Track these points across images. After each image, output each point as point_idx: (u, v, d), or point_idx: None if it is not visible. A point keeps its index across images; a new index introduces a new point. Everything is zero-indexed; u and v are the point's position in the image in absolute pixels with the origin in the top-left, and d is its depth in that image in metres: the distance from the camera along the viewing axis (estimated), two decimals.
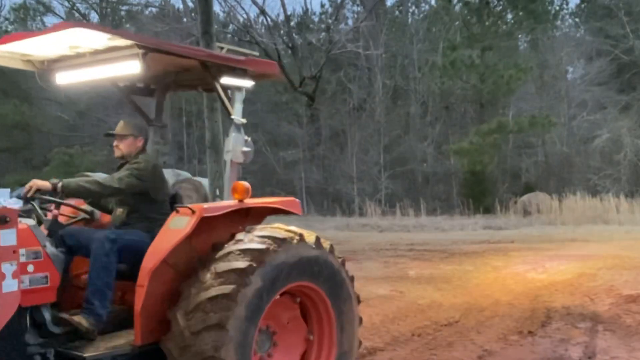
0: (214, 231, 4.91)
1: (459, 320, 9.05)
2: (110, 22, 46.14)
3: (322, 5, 49.76)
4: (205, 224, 4.78)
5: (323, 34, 41.43)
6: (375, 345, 7.83)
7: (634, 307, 9.44)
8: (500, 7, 38.77)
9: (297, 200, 5.84)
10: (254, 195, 5.28)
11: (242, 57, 5.60)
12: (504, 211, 29.17)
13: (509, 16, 39.81)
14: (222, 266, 4.53)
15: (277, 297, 4.87)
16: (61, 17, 45.69)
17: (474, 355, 7.37)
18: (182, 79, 6.04)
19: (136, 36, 5.05)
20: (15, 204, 5.17)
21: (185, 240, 4.69)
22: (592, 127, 36.26)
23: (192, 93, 40.64)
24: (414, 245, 19.31)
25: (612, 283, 11.22)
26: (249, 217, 5.26)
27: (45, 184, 4.75)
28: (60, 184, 4.75)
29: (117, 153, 5.52)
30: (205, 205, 4.98)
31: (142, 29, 41.40)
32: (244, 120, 5.55)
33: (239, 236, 4.83)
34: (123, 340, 4.63)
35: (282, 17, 41.41)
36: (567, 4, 44.74)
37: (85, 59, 5.18)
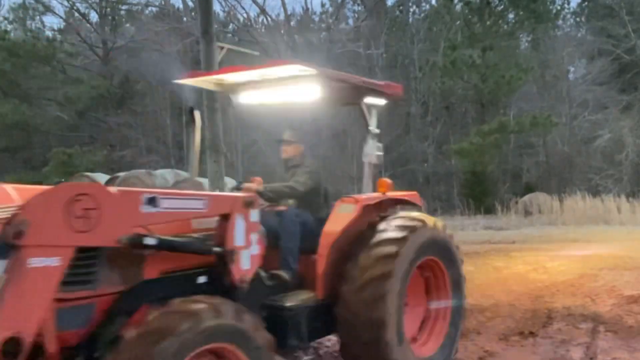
0: (369, 216, 6.32)
1: None
2: (109, 22, 46.21)
3: (323, 5, 49.86)
4: (365, 210, 6.28)
5: (323, 33, 41.50)
6: None
7: (635, 307, 9.44)
8: (502, 7, 38.83)
9: (417, 194, 7.28)
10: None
11: (381, 82, 6.98)
12: (504, 211, 29.17)
13: (510, 16, 39.89)
14: (377, 252, 5.87)
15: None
16: (60, 17, 45.79)
17: (474, 356, 7.38)
18: (337, 97, 7.31)
19: (321, 69, 6.19)
20: None
21: (352, 223, 6.16)
22: (594, 127, 36.31)
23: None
24: None
25: (613, 284, 11.21)
26: (387, 206, 6.60)
27: (258, 187, 6.48)
28: (266, 188, 6.54)
29: (284, 155, 7.08)
30: (363, 196, 6.53)
31: (142, 29, 41.49)
32: (378, 131, 6.99)
33: (382, 226, 6.14)
34: (308, 295, 5.99)
35: (282, 17, 41.49)
36: (568, 4, 44.86)
37: (271, 84, 6.50)
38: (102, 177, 29.12)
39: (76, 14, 46.27)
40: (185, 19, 41.76)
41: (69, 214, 3.93)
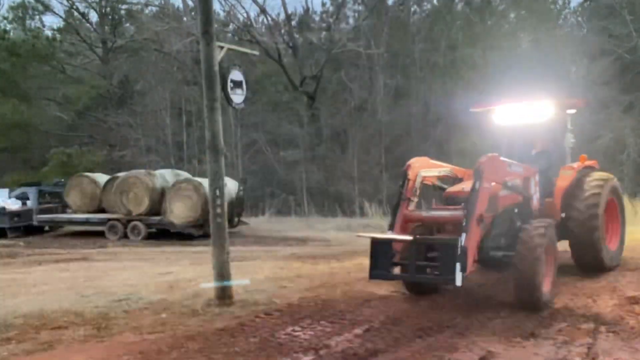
0: (577, 175, 12.12)
1: (460, 321, 9.05)
2: (109, 22, 46.21)
3: (323, 4, 49.67)
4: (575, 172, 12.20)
5: (324, 33, 41.52)
6: (376, 347, 7.84)
7: (637, 308, 9.44)
8: (503, 6, 38.78)
9: (596, 161, 13.33)
10: (256, 196, 6.33)
11: (576, 100, 12.92)
12: None
13: (512, 15, 39.83)
14: (592, 184, 11.91)
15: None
16: (60, 16, 45.77)
17: (476, 356, 7.38)
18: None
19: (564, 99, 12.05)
20: (14, 204, 5.86)
21: (573, 180, 12.04)
22: (595, 127, 36.25)
23: (192, 93, 40.69)
24: None
25: (615, 284, 11.20)
26: (585, 170, 12.48)
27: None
28: None
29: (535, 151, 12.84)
30: (575, 165, 12.31)
31: (142, 29, 41.48)
32: (572, 127, 12.66)
33: (588, 179, 12.03)
34: (550, 221, 10.80)
35: (282, 16, 41.57)
36: (569, 3, 44.74)
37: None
38: (101, 177, 29.14)
39: (76, 14, 46.30)
40: (185, 18, 41.80)
41: (493, 166, 10.17)
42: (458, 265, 8.58)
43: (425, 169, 11.22)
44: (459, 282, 8.58)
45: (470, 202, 9.23)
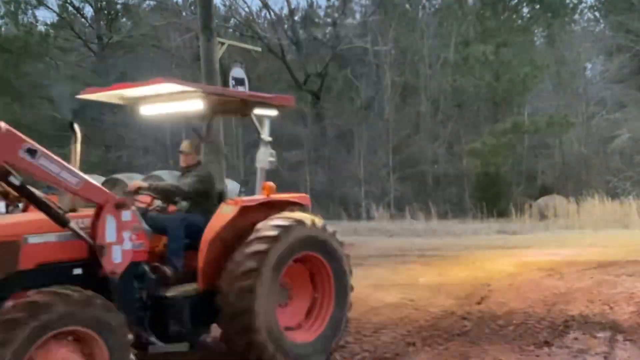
0: (253, 216, 7.27)
1: (471, 329, 9.05)
2: (105, 16, 46.27)
3: None
4: (245, 211, 7.21)
5: (329, 28, 41.56)
6: (384, 355, 7.86)
7: None
8: (516, 1, 38.80)
9: (307, 195, 8.34)
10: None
11: (272, 95, 8.06)
12: (519, 215, 29.13)
13: (525, 10, 39.93)
14: (249, 249, 6.93)
15: (292, 263, 7.29)
16: (54, 11, 45.80)
17: None
18: (227, 109, 8.63)
19: (201, 85, 8.09)
20: (4, 209, 6.61)
21: (231, 222, 7.12)
22: (612, 126, 36.25)
23: None
24: (425, 251, 19.29)
25: (632, 290, 11.19)
26: (275, 207, 7.55)
27: (143, 184, 7.46)
28: (151, 186, 7.55)
29: (183, 164, 8.07)
30: (245, 198, 7.47)
31: (140, 24, 41.54)
32: (270, 139, 8.00)
33: (259, 225, 7.14)
34: (190, 287, 7.03)
35: (285, 11, 41.62)
36: None
37: (163, 98, 7.65)
38: (97, 179, 29.13)
39: (70, 8, 46.31)
40: (184, 13, 41.90)
41: None
42: None
43: None
44: None
45: None
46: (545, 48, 41.63)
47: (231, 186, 24.61)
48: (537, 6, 38.16)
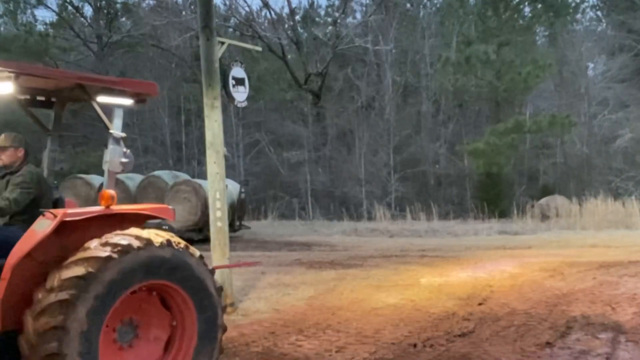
0: (88, 234, 5.64)
1: (473, 330, 9.05)
2: (104, 16, 46.24)
3: None
4: (76, 227, 5.61)
5: (330, 28, 41.49)
6: (384, 356, 7.85)
7: None
8: (518, 0, 38.75)
9: (169, 207, 6.61)
10: (258, 198, 5.87)
11: (117, 79, 6.68)
12: (520, 215, 29.13)
13: (527, 9, 39.79)
14: (65, 273, 5.24)
15: (136, 292, 5.71)
16: (53, 10, 45.79)
17: None
18: (77, 94, 6.71)
19: (7, 63, 5.90)
20: None
21: (52, 241, 5.50)
22: (614, 126, 36.21)
23: (192, 91, 40.75)
24: (426, 251, 19.32)
25: (635, 291, 11.19)
26: (125, 222, 5.97)
27: None
28: None
29: (0, 163, 6.59)
30: (70, 210, 5.86)
31: (139, 23, 41.52)
32: (123, 134, 6.53)
33: (87, 244, 5.51)
34: None
35: (286, 10, 41.58)
36: None
37: None
38: (96, 179, 29.13)
39: (70, 7, 46.28)
40: (184, 12, 41.83)
41: None
42: None
43: None
44: None
45: None
46: (547, 47, 41.59)
47: (231, 186, 24.73)
48: (539, 5, 38.06)
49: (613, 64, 39.44)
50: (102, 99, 6.38)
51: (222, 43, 12.00)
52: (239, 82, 12.39)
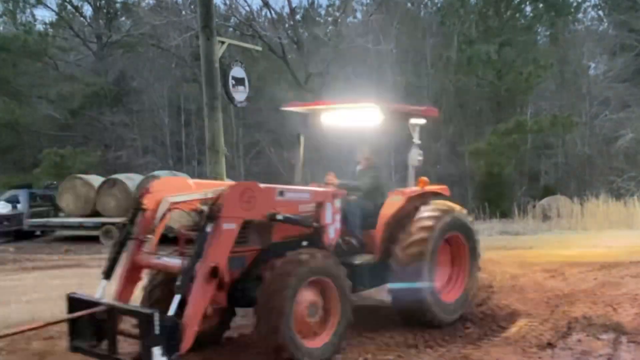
0: (413, 203, 9.52)
1: (474, 331, 9.06)
2: (104, 15, 46.29)
3: None
4: (409, 199, 9.49)
5: (330, 27, 41.45)
6: (386, 357, 7.87)
7: None
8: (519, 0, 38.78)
9: (446, 187, 10.65)
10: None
11: (422, 107, 10.44)
12: (521, 215, 29.07)
13: (528, 9, 39.85)
14: (419, 223, 9.20)
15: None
16: (53, 10, 45.87)
17: None
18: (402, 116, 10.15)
19: (383, 103, 9.58)
20: (4, 208, 6.88)
21: (399, 208, 9.38)
22: (616, 126, 36.21)
23: (192, 91, 40.77)
24: None
25: (636, 292, 11.17)
26: (425, 196, 9.79)
27: (341, 182, 9.89)
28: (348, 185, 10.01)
29: (361, 168, 10.73)
30: (407, 190, 9.66)
31: (139, 23, 41.54)
32: (419, 142, 10.09)
33: (422, 209, 9.43)
34: (369, 257, 9.24)
35: (286, 10, 41.40)
36: None
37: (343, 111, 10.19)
38: (96, 179, 29.11)
39: (69, 7, 46.34)
40: (184, 12, 41.77)
41: (242, 199, 7.37)
42: (156, 350, 6.33)
43: (175, 193, 8.03)
44: None
45: (197, 251, 7.02)
46: (549, 47, 41.58)
47: None
48: (540, 5, 38.10)
49: (614, 63, 39.45)
50: (413, 120, 10.02)
51: (222, 43, 12.01)
52: (239, 81, 12.41)
